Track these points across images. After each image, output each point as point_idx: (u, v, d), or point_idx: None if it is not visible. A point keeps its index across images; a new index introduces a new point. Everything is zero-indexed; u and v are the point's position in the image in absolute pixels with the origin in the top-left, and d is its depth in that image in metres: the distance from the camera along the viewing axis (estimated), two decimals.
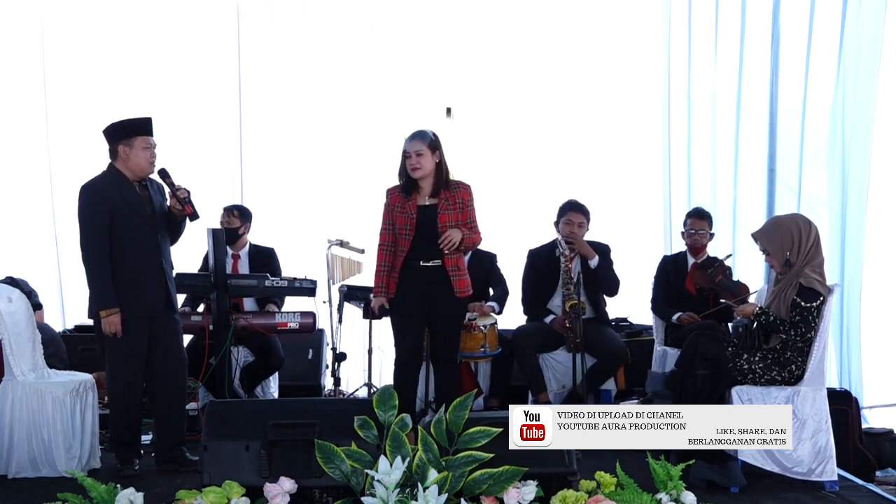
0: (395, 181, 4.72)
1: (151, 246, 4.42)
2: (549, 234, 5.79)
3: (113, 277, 4.36)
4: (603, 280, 5.58)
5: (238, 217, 5.85)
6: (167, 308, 4.50)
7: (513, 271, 5.88)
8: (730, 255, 5.72)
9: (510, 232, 6.52)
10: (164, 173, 4.52)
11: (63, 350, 5.57)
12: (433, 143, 4.62)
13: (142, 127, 4.46)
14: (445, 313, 4.68)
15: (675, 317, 5.58)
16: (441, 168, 4.65)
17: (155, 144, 4.47)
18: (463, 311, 4.82)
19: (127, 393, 4.47)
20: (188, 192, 4.49)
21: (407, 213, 4.63)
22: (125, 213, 4.38)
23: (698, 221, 5.67)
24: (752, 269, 6.30)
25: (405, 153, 4.61)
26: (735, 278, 5.69)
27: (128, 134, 4.42)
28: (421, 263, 4.65)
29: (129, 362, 4.43)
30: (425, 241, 4.62)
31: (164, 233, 4.52)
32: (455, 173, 5.64)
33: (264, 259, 5.90)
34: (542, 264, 5.71)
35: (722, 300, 5.37)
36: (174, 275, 4.68)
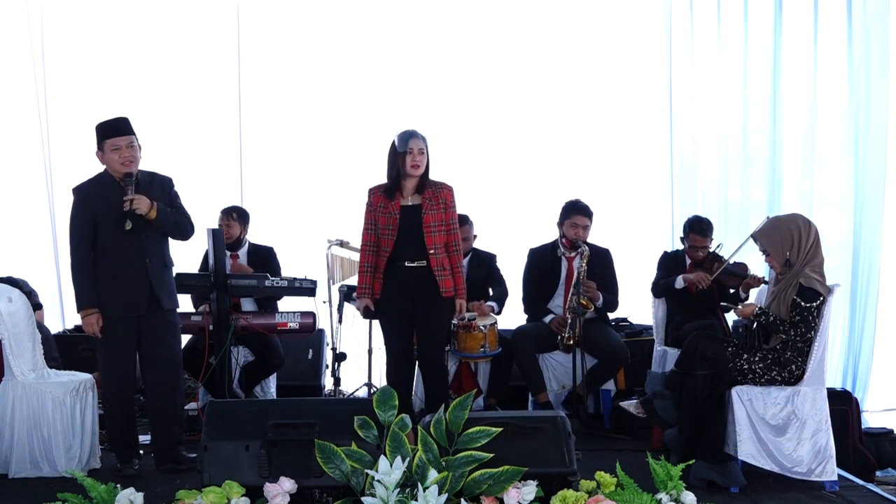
0: None
1: (133, 246, 4.41)
2: (549, 233, 5.80)
3: (97, 278, 4.40)
4: (604, 308, 5.65)
5: (237, 220, 5.83)
6: (153, 307, 4.48)
7: (513, 271, 5.88)
8: (720, 245, 5.72)
9: (510, 232, 6.52)
10: (128, 180, 4.42)
11: (54, 348, 5.52)
12: (426, 142, 4.64)
13: (111, 129, 4.45)
14: (431, 314, 4.68)
15: (678, 279, 5.57)
16: (428, 168, 4.67)
17: (125, 145, 4.40)
18: (448, 311, 4.78)
19: (119, 391, 4.50)
20: (129, 205, 4.33)
21: (389, 213, 4.63)
22: (107, 214, 4.39)
23: (701, 239, 5.64)
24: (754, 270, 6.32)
25: (408, 150, 4.58)
26: (732, 260, 5.68)
27: (100, 137, 4.45)
28: (406, 264, 4.65)
29: (119, 361, 4.46)
30: (409, 241, 4.62)
31: (152, 232, 4.48)
32: (457, 172, 5.66)
33: (263, 258, 5.90)
34: (542, 264, 5.71)
35: (723, 303, 5.39)
36: (174, 274, 4.68)
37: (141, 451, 4.66)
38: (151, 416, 4.63)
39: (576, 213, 5.54)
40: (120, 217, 4.37)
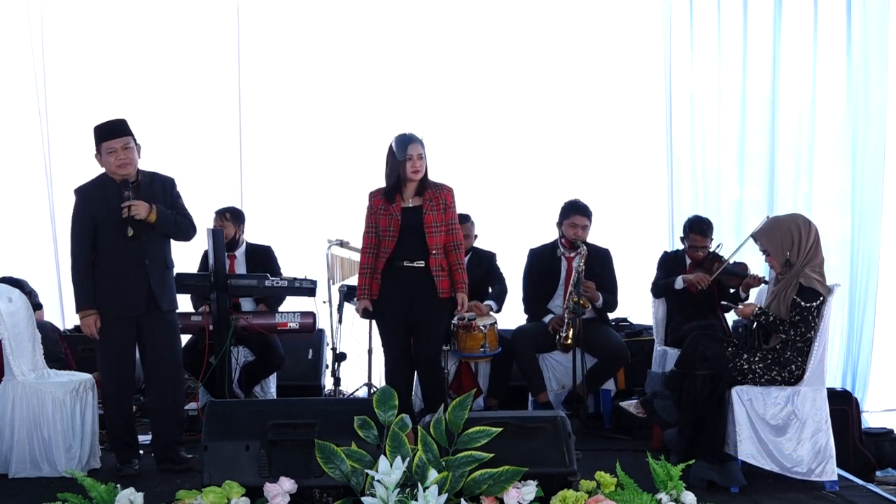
0: None
1: (133, 247, 4.42)
2: (549, 233, 5.79)
3: (97, 279, 4.43)
4: (604, 308, 5.65)
5: (231, 221, 5.81)
6: (151, 308, 4.48)
7: (514, 271, 5.88)
8: (720, 245, 5.73)
9: (510, 232, 6.52)
10: (125, 186, 4.45)
11: (61, 348, 5.52)
12: (423, 145, 4.65)
13: (106, 132, 4.45)
14: (428, 314, 4.69)
15: (678, 279, 5.57)
16: (426, 169, 4.68)
17: (120, 147, 4.40)
18: (446, 311, 4.80)
19: (118, 391, 4.52)
20: (128, 211, 4.36)
21: (391, 214, 4.65)
22: (107, 216, 4.41)
23: (701, 238, 5.65)
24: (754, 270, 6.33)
25: (407, 157, 4.60)
26: (733, 260, 5.69)
27: (97, 140, 4.46)
28: (405, 264, 4.66)
29: (117, 361, 4.48)
30: (410, 242, 4.64)
31: (153, 233, 4.48)
32: (457, 172, 5.66)
33: (261, 257, 5.89)
34: (542, 264, 5.72)
35: (723, 302, 5.39)
36: (174, 274, 4.69)
37: (141, 451, 4.67)
38: (152, 415, 4.67)
39: (575, 212, 5.54)
40: (119, 219, 4.38)
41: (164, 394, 4.57)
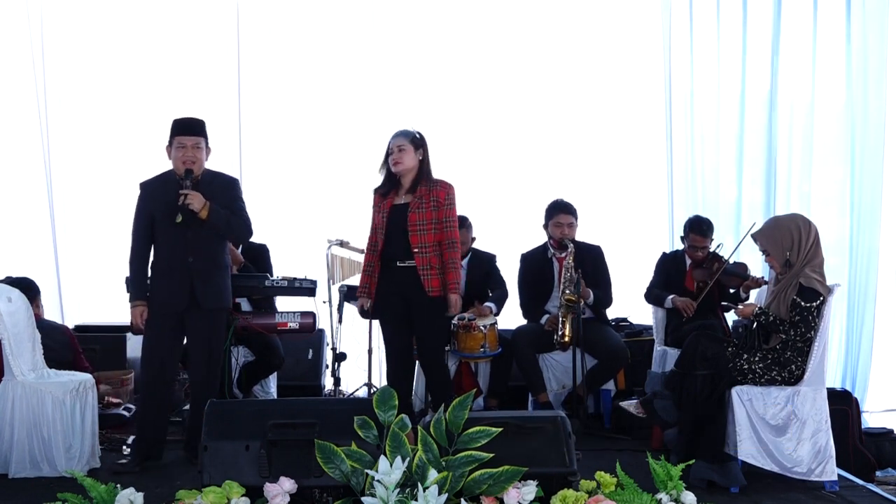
0: None
1: (180, 244, 4.50)
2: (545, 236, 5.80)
3: (151, 273, 4.56)
4: (596, 305, 5.64)
5: None
6: (194, 305, 4.54)
7: (513, 273, 5.87)
8: (720, 245, 5.73)
9: (510, 233, 6.51)
10: (187, 176, 4.53)
11: (63, 354, 5.48)
12: (416, 141, 4.67)
13: (181, 127, 4.57)
14: (423, 314, 4.69)
15: (668, 299, 5.59)
16: (423, 167, 4.68)
17: (191, 145, 4.52)
18: (441, 310, 4.74)
19: (148, 387, 4.60)
20: (183, 199, 4.42)
21: (382, 211, 4.68)
22: (163, 212, 4.50)
23: (701, 239, 5.65)
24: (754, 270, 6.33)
25: (389, 150, 4.66)
26: (732, 260, 5.69)
27: (171, 133, 4.57)
28: (397, 264, 4.67)
29: (152, 355, 4.58)
30: (397, 240, 4.65)
31: (201, 231, 4.51)
32: (455, 173, 5.65)
33: (256, 256, 5.88)
34: (535, 267, 5.72)
35: (724, 302, 5.39)
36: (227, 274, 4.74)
37: (153, 449, 4.68)
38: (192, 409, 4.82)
39: (558, 212, 5.56)
40: (174, 215, 4.44)
41: (197, 392, 4.65)
